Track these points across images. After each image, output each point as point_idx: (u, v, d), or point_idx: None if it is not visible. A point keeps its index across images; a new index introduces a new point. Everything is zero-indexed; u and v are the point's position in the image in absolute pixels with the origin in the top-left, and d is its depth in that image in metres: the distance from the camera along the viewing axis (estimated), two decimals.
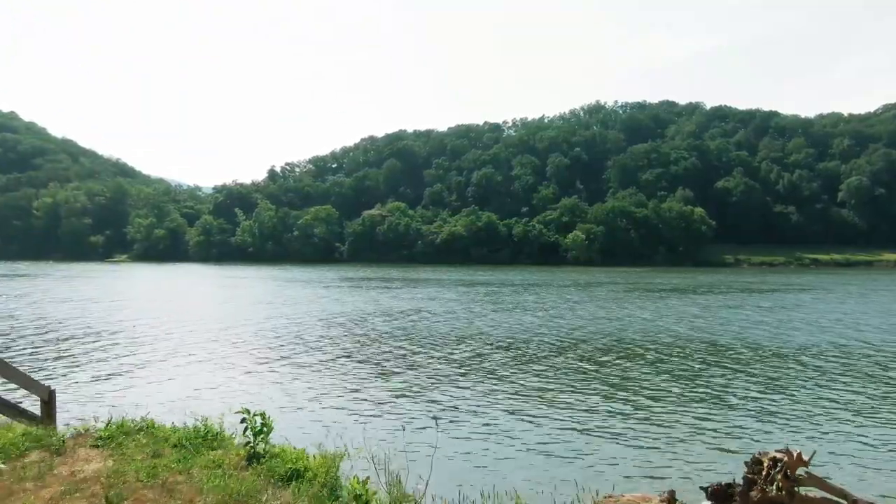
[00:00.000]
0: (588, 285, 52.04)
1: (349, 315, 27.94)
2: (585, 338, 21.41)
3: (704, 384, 14.41)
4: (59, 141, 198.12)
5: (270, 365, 16.28)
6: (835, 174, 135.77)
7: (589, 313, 29.13)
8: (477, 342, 20.30)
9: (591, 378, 14.93)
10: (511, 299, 37.12)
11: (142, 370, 15.40)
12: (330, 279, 59.69)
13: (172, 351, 18.11)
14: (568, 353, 18.49)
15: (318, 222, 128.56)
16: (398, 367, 16.14)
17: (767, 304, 35.20)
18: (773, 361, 17.32)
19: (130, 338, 20.65)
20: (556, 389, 13.71)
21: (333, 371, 15.61)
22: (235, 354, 17.79)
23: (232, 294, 42.45)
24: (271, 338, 21.01)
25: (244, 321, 25.56)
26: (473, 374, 15.34)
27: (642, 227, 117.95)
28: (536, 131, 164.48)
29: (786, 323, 26.10)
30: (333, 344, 19.85)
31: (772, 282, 59.87)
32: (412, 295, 40.15)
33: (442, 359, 17.45)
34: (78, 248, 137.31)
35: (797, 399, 13.05)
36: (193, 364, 16.25)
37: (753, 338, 21.73)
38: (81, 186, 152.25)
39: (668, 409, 12.24)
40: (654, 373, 15.65)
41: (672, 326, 24.68)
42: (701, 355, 18.24)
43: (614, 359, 17.56)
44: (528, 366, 16.47)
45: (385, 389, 13.73)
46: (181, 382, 14.09)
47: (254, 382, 14.20)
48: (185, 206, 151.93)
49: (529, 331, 23.02)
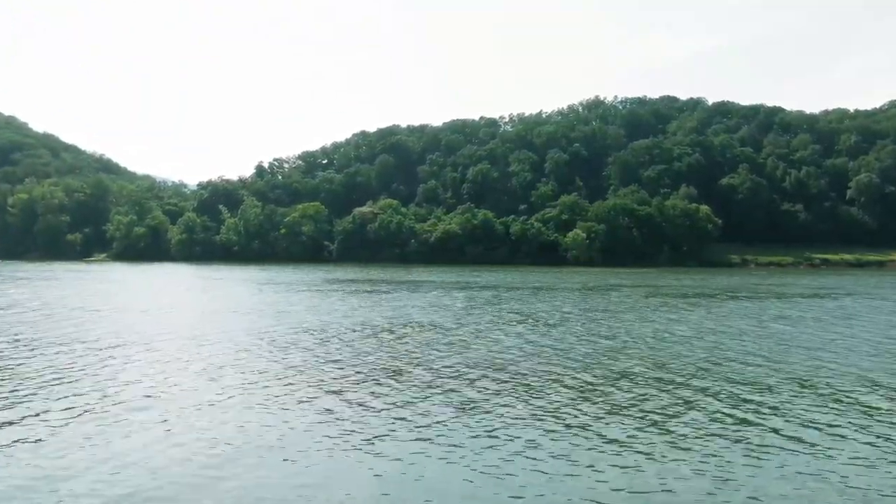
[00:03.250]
0: (599, 289, 46.89)
1: (316, 330, 22.62)
2: (643, 364, 16.20)
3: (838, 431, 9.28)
4: (40, 136, 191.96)
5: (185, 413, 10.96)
6: (842, 171, 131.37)
7: (623, 328, 23.94)
8: (490, 372, 15.01)
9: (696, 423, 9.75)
10: (521, 307, 31.87)
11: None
12: (312, 281, 54.34)
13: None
14: (645, 392, 13.26)
15: (307, 220, 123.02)
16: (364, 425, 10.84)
17: (814, 313, 30.16)
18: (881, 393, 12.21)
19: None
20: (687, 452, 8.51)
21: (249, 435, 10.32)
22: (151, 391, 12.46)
23: (183, 300, 37.06)
24: (196, 367, 15.65)
25: (167, 338, 20.16)
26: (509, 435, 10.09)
27: (645, 226, 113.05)
28: (534, 126, 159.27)
29: (857, 338, 20.98)
30: (277, 379, 14.52)
31: (798, 284, 54.89)
32: (402, 302, 34.90)
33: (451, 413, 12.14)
34: (54, 246, 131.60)
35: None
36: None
37: (839, 361, 16.55)
38: (59, 182, 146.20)
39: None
40: (777, 414, 10.48)
41: (731, 346, 19.51)
42: (790, 387, 13.05)
43: (701, 397, 12.34)
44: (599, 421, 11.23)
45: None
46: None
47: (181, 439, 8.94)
48: (169, 204, 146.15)
49: (568, 358, 17.74)
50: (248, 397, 12.29)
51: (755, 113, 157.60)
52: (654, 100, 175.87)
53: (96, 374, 14.23)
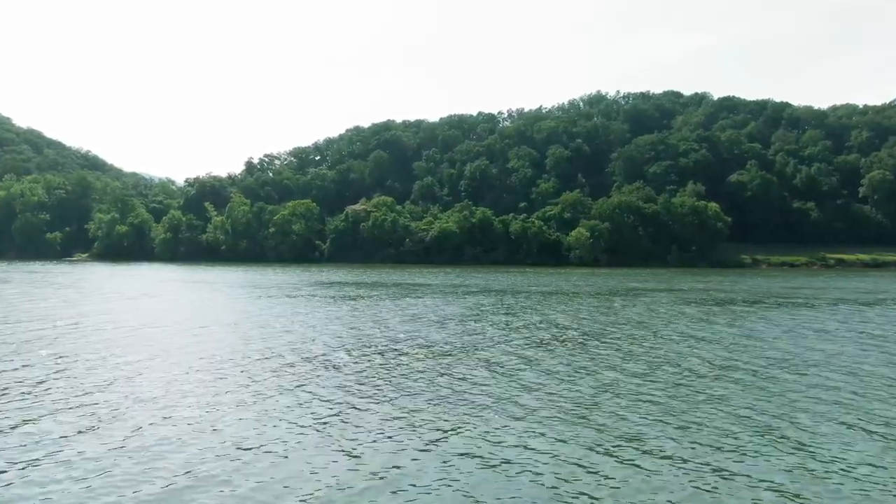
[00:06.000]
0: (619, 293, 41.56)
1: (285, 351, 17.21)
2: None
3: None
4: (23, 131, 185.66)
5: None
6: (854, 167, 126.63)
7: (684, 342, 18.62)
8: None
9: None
10: (543, 317, 26.52)
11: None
12: (296, 284, 48.90)
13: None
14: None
15: (297, 218, 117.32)
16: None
17: (880, 318, 25.01)
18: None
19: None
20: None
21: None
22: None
23: (139, 307, 31.60)
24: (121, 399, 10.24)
25: (105, 357, 14.73)
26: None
27: (651, 225, 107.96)
28: (534, 122, 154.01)
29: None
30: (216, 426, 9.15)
31: (831, 287, 49.71)
32: (392, 314, 29.55)
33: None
34: (32, 245, 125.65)
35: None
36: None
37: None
38: (39, 179, 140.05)
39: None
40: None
41: (828, 368, 14.24)
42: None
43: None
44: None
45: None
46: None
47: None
48: (154, 201, 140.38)
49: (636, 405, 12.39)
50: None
51: (762, 108, 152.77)
52: (658, 95, 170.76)
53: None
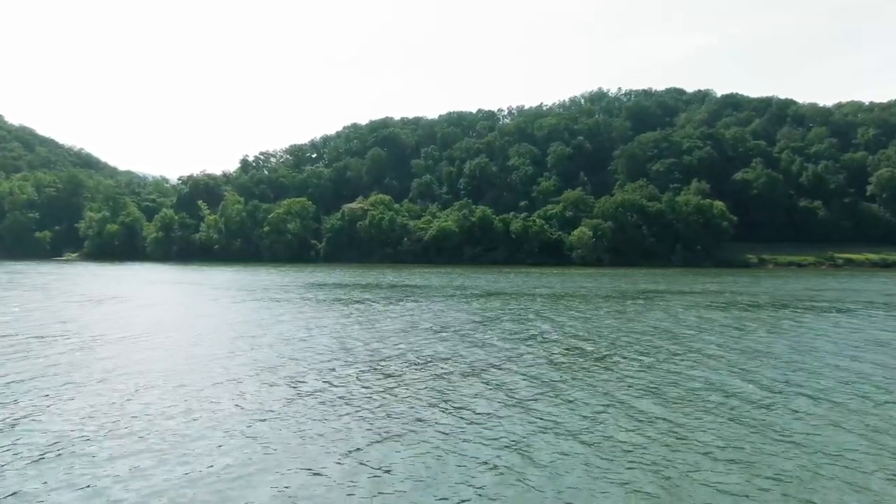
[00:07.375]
0: (631, 296, 38.94)
1: (244, 372, 14.58)
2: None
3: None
4: (15, 128, 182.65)
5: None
6: (861, 165, 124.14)
7: (725, 359, 16.03)
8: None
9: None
10: (553, 326, 23.91)
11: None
12: (286, 286, 46.23)
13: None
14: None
15: (292, 217, 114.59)
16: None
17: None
18: None
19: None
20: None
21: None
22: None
23: (97, 312, 28.94)
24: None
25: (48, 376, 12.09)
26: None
27: (655, 224, 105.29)
28: (534, 119, 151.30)
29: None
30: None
31: (850, 289, 47.14)
32: (386, 325, 26.92)
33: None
34: (22, 244, 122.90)
35: None
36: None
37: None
38: (29, 177, 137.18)
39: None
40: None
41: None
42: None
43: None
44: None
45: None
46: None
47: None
48: (147, 200, 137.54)
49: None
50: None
51: (767, 105, 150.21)
52: (660, 92, 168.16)
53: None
